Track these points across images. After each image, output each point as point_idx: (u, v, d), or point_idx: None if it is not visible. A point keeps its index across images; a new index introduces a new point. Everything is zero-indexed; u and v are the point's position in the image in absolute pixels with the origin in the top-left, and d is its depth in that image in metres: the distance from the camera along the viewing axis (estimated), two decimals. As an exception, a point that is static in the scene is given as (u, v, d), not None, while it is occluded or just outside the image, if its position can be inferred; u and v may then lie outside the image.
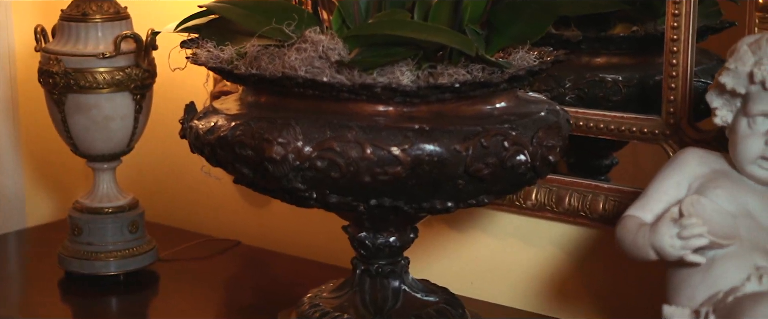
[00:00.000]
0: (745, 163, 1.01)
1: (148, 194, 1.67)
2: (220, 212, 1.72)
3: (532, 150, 1.06)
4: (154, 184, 1.78)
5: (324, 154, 1.01)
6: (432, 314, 1.18)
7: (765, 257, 0.96)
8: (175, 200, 1.77)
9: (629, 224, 1.02)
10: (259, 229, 1.67)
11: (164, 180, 1.78)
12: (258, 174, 1.06)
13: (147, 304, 1.46)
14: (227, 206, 1.70)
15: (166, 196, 1.77)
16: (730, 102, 1.03)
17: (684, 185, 1.04)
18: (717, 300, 0.93)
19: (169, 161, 1.76)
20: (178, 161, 1.72)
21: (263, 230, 1.66)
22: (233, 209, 1.70)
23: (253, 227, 1.67)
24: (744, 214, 1.00)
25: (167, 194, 1.78)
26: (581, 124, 1.32)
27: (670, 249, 0.96)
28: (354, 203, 1.06)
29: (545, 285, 1.39)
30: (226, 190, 1.68)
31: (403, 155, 1.00)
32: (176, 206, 1.77)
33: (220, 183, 1.65)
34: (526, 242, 1.40)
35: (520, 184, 1.10)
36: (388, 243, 1.18)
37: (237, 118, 1.07)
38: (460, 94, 1.03)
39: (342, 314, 1.18)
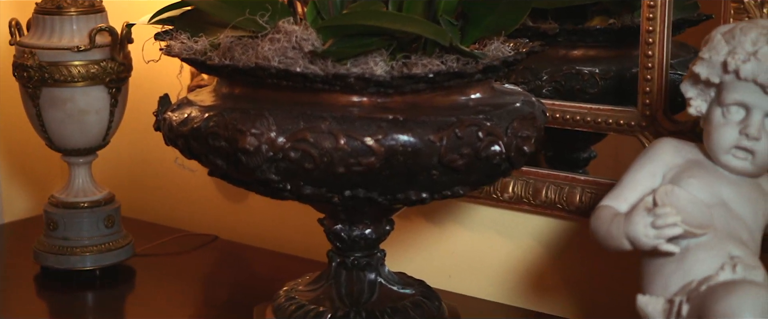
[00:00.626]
0: (719, 153, 1.01)
1: (124, 189, 1.66)
2: (197, 207, 1.71)
3: (507, 141, 1.05)
4: (131, 179, 1.78)
5: (297, 145, 1.00)
6: (408, 307, 1.18)
7: (739, 247, 0.96)
8: (151, 195, 1.76)
9: (603, 214, 1.02)
10: (237, 224, 1.66)
11: (141, 175, 1.77)
12: (232, 166, 1.05)
13: (123, 299, 1.45)
14: (204, 201, 1.70)
15: (143, 191, 1.77)
16: (704, 92, 1.03)
17: (658, 174, 1.03)
18: (690, 289, 0.93)
19: (145, 156, 1.75)
20: (155, 156, 1.72)
21: (241, 225, 1.66)
22: (210, 203, 1.69)
23: (230, 222, 1.67)
24: (718, 203, 1.00)
25: (144, 189, 1.77)
26: (557, 116, 1.31)
27: (644, 239, 0.96)
28: (328, 194, 1.05)
29: (523, 278, 1.39)
30: (203, 184, 1.68)
31: (376, 146, 1.00)
32: (153, 201, 1.76)
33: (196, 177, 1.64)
34: (503, 235, 1.40)
35: (495, 175, 1.09)
36: (364, 235, 1.17)
37: (210, 110, 1.06)
38: (435, 84, 1.03)
39: (317, 307, 1.17)
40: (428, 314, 1.19)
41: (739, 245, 0.97)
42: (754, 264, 0.95)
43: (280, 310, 1.20)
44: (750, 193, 1.01)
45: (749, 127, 0.99)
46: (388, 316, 1.16)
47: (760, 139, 0.99)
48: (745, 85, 0.98)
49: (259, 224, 1.64)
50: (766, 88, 0.97)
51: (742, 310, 0.83)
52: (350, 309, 1.16)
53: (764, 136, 0.99)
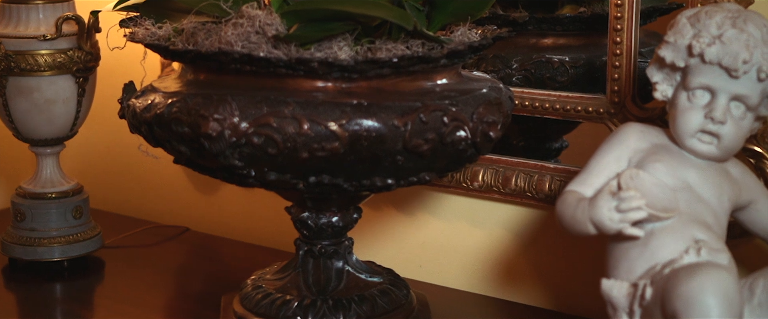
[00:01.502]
0: (685, 137, 1.01)
1: (94, 181, 1.65)
2: (167, 199, 1.70)
3: (473, 126, 1.05)
4: (101, 171, 1.76)
5: (260, 130, 0.99)
6: (375, 295, 1.17)
7: (704, 230, 0.96)
8: (121, 187, 1.75)
9: (569, 199, 1.01)
10: (208, 215, 1.65)
11: (111, 167, 1.76)
12: (195, 152, 1.04)
13: (92, 290, 1.44)
14: (175, 193, 1.69)
15: (113, 182, 1.75)
16: (670, 76, 1.03)
17: (624, 159, 1.03)
18: (655, 272, 0.92)
19: (115, 148, 1.74)
20: (124, 148, 1.70)
21: (212, 217, 1.65)
22: (181, 195, 1.68)
23: (201, 214, 1.66)
24: (683, 187, 0.99)
25: (114, 181, 1.76)
26: (527, 104, 1.31)
27: (608, 223, 0.95)
28: (293, 180, 1.05)
29: (493, 267, 1.38)
30: (174, 176, 1.67)
31: (340, 131, 0.99)
32: (123, 193, 1.75)
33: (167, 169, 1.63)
34: (473, 224, 1.39)
35: (461, 161, 1.09)
36: (331, 223, 1.17)
37: (174, 96, 1.05)
38: (399, 69, 1.02)
39: (284, 296, 1.17)
40: (396, 303, 1.18)
41: (704, 228, 0.96)
42: (718, 248, 0.95)
43: (246, 299, 1.19)
44: (716, 177, 1.01)
45: (714, 110, 0.98)
46: (355, 304, 1.15)
47: (726, 123, 0.98)
48: (710, 69, 0.98)
49: (231, 216, 1.63)
50: (731, 72, 0.97)
51: (704, 292, 0.82)
52: (317, 297, 1.16)
53: (729, 120, 0.99)
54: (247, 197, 1.60)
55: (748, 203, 1.04)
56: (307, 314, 1.14)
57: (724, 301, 0.82)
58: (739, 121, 0.99)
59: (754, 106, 0.99)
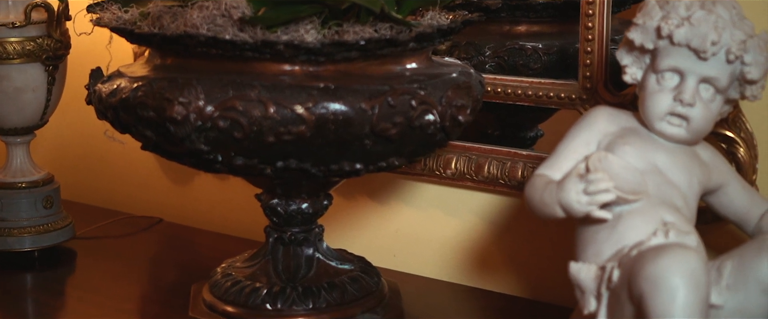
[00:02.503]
0: (654, 120, 1.00)
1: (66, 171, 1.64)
2: (141, 190, 1.69)
3: (441, 110, 1.04)
4: (73, 161, 1.75)
5: (226, 113, 0.98)
6: (346, 282, 1.16)
7: (672, 213, 0.95)
8: (94, 178, 1.74)
9: (537, 183, 1.00)
10: (182, 206, 1.64)
11: (83, 157, 1.75)
12: (161, 137, 1.03)
13: (63, 281, 1.42)
14: (148, 184, 1.68)
15: (86, 173, 1.74)
16: (639, 59, 1.02)
17: (593, 142, 1.02)
18: (622, 255, 0.91)
19: (87, 138, 1.72)
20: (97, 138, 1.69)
21: (186, 208, 1.64)
22: (155, 186, 1.67)
23: (175, 205, 1.65)
24: (652, 170, 0.98)
25: (86, 172, 1.74)
26: (499, 90, 1.30)
27: (576, 205, 0.94)
28: (260, 165, 1.04)
29: (467, 255, 1.38)
30: (148, 167, 1.65)
31: (307, 114, 0.98)
32: (96, 184, 1.73)
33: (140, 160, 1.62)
34: (447, 213, 1.38)
35: (431, 145, 1.08)
36: (301, 210, 1.16)
37: (139, 80, 1.04)
38: (367, 53, 1.02)
39: (253, 283, 1.16)
40: (367, 290, 1.17)
41: (672, 211, 0.95)
42: (687, 230, 0.94)
43: (216, 287, 1.18)
44: (685, 160, 1.00)
45: (683, 93, 0.98)
46: (325, 291, 1.14)
47: (695, 105, 0.98)
48: (679, 51, 0.97)
49: (205, 206, 1.62)
50: (699, 53, 0.96)
51: (670, 272, 0.81)
52: (286, 284, 1.15)
53: (699, 103, 0.98)
54: (221, 188, 1.59)
55: (718, 186, 1.04)
56: (276, 302, 1.13)
57: (690, 281, 0.81)
58: (709, 103, 0.98)
59: (724, 89, 0.98)
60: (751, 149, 1.13)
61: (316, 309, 1.13)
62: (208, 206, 1.62)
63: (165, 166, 1.65)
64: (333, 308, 1.13)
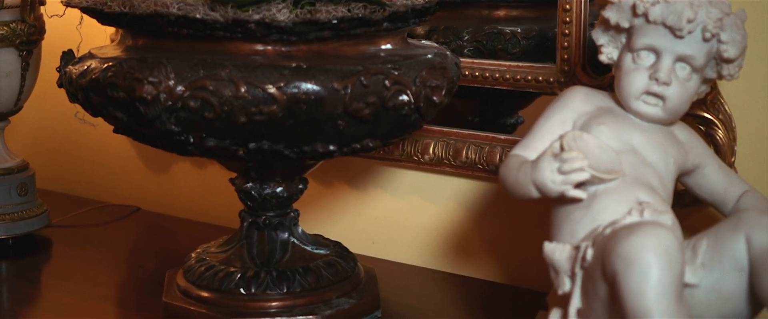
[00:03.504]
0: (629, 99, 0.99)
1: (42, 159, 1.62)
2: (118, 178, 1.67)
3: (415, 90, 1.03)
4: (49, 149, 1.74)
5: (197, 93, 0.97)
6: (321, 266, 1.15)
7: (648, 193, 0.94)
8: (71, 166, 1.72)
9: (512, 163, 0.99)
10: (160, 195, 1.63)
11: (60, 146, 1.74)
12: (132, 117, 1.02)
13: (39, 269, 1.41)
14: (126, 172, 1.66)
15: (62, 161, 1.73)
16: (615, 38, 1.01)
17: (569, 122, 1.01)
18: (597, 234, 0.90)
19: (64, 126, 1.71)
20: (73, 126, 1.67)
21: (164, 196, 1.62)
22: (132, 174, 1.65)
23: (153, 193, 1.63)
24: (628, 150, 0.97)
25: (62, 160, 1.73)
26: (477, 74, 1.29)
27: (550, 184, 0.93)
28: (233, 147, 1.02)
29: (446, 242, 1.37)
30: (125, 155, 1.64)
31: (278, 94, 0.97)
32: (72, 173, 1.72)
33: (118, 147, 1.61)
34: (425, 199, 1.37)
35: (405, 127, 1.07)
36: (275, 194, 1.14)
37: (110, 61, 1.03)
38: (340, 32, 1.00)
39: (228, 268, 1.14)
40: (342, 275, 1.16)
41: (648, 191, 0.94)
42: (662, 209, 0.93)
43: (190, 272, 1.17)
44: (661, 140, 0.99)
45: (659, 71, 0.97)
46: (300, 275, 1.13)
47: (671, 84, 0.97)
48: (655, 29, 0.96)
49: (183, 195, 1.61)
50: (675, 31, 0.95)
51: (644, 250, 0.80)
52: (261, 269, 1.13)
53: (675, 82, 0.97)
54: (199, 176, 1.58)
55: (695, 166, 1.03)
56: (250, 286, 1.11)
57: (664, 259, 0.80)
58: (685, 82, 0.97)
59: (700, 68, 0.97)
60: (729, 131, 1.12)
61: (290, 293, 1.11)
62: (186, 195, 1.60)
63: (143, 154, 1.64)
64: (307, 292, 1.12)
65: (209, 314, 1.10)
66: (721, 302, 0.87)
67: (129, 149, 1.64)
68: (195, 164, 1.58)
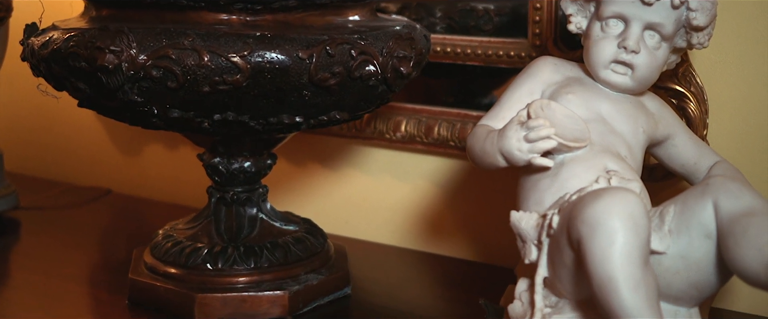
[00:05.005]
0: (598, 68, 0.98)
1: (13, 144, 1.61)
2: (89, 161, 1.66)
3: (382, 61, 1.02)
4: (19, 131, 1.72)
5: (159, 62, 0.96)
6: (290, 242, 1.14)
7: (616, 161, 0.93)
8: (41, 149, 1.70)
9: (479, 132, 0.97)
10: (132, 177, 1.61)
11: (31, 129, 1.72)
12: (94, 89, 1.00)
13: (8, 249, 1.39)
14: (97, 155, 1.64)
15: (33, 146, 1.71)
16: (584, 7, 1.00)
17: (537, 92, 1.00)
18: (563, 202, 0.89)
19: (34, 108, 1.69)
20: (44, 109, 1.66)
21: (136, 179, 1.61)
22: (104, 157, 1.64)
23: (124, 176, 1.62)
24: (597, 119, 0.96)
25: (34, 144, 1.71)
26: (449, 50, 1.28)
27: (517, 153, 0.92)
28: (198, 119, 1.01)
29: (419, 220, 1.35)
30: (96, 138, 1.62)
31: (242, 63, 0.96)
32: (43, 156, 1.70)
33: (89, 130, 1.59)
34: (398, 178, 1.36)
35: (373, 98, 1.05)
36: (244, 169, 1.13)
37: (72, 31, 1.01)
38: (306, 1, 0.99)
39: (195, 243, 1.13)
40: (311, 251, 1.15)
41: (616, 159, 0.93)
42: (630, 177, 0.91)
43: (156, 248, 1.15)
44: (630, 109, 0.98)
45: (627, 39, 0.95)
46: (268, 251, 1.12)
47: (639, 52, 0.95)
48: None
49: (155, 177, 1.59)
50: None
51: (609, 215, 0.79)
52: (228, 244, 1.12)
53: (643, 50, 0.96)
54: (171, 158, 1.56)
55: (665, 137, 1.01)
56: (217, 261, 1.10)
57: (629, 223, 0.78)
58: (654, 51, 0.96)
59: (669, 36, 0.96)
60: (701, 104, 1.11)
61: (257, 269, 1.10)
62: (158, 177, 1.59)
63: (114, 137, 1.62)
64: (275, 267, 1.11)
65: (176, 289, 1.09)
66: (689, 270, 0.86)
67: (100, 132, 1.62)
68: (166, 146, 1.56)
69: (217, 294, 1.07)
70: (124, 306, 1.13)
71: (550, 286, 0.90)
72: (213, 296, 1.07)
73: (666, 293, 0.87)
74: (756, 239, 0.80)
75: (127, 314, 1.11)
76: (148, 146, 1.59)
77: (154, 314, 1.10)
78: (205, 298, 1.07)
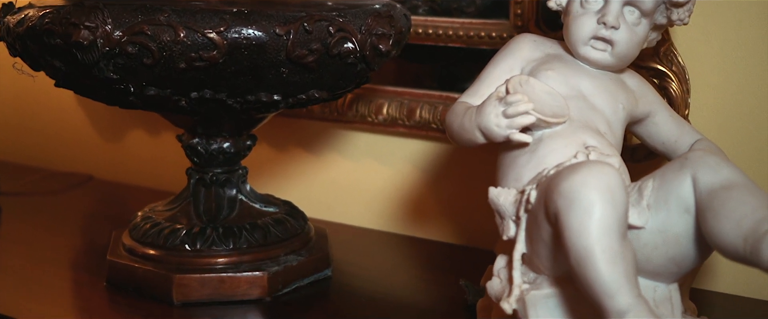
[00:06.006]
0: (578, 44, 0.97)
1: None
2: (72, 148, 1.64)
3: (361, 38, 1.01)
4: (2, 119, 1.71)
5: (135, 38, 0.95)
6: (269, 224, 1.13)
7: (595, 137, 0.92)
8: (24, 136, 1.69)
9: (458, 109, 0.97)
10: (113, 163, 1.60)
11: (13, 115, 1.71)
12: (70, 66, 0.99)
13: (-12, 235, 1.38)
14: (79, 142, 1.63)
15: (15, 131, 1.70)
16: (564, -16, 0.99)
17: (516, 69, 0.99)
18: (541, 177, 0.88)
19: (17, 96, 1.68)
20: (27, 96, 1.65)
21: (117, 165, 1.60)
22: (85, 144, 1.63)
23: (106, 162, 1.61)
24: (576, 96, 0.95)
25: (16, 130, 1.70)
26: (430, 32, 1.27)
27: (495, 129, 0.91)
28: (175, 97, 1.00)
29: (401, 204, 1.35)
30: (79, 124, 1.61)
31: (218, 39, 0.95)
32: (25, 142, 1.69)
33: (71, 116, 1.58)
34: (380, 162, 1.35)
35: (352, 77, 1.05)
36: (223, 149, 1.12)
37: (47, 8, 1.00)
38: (283, -22, 0.99)
39: (173, 225, 1.12)
40: (291, 232, 1.14)
41: (595, 135, 0.92)
42: (609, 153, 0.91)
43: (135, 230, 1.14)
44: (610, 86, 0.97)
45: (607, 15, 0.94)
46: (247, 232, 1.11)
47: (619, 28, 0.95)
48: (603, -29, 0.94)
49: (137, 164, 1.58)
50: (623, -26, 0.93)
51: (586, 187, 0.78)
52: (207, 225, 1.11)
53: (623, 26, 0.95)
54: (153, 145, 1.55)
55: (645, 114, 1.01)
56: (196, 242, 1.09)
57: (607, 196, 0.77)
58: (634, 27, 0.95)
59: (649, 12, 0.95)
60: (683, 83, 1.10)
61: (236, 249, 1.09)
62: (139, 163, 1.58)
63: (96, 123, 1.61)
64: (254, 248, 1.10)
65: (154, 270, 1.08)
66: (667, 245, 0.85)
67: (82, 118, 1.61)
68: (148, 131, 1.55)
69: (196, 275, 1.07)
70: (103, 288, 1.12)
71: (529, 262, 0.89)
72: (191, 276, 1.06)
73: (645, 269, 0.87)
74: (734, 212, 0.79)
75: (105, 296, 1.10)
76: (129, 133, 1.58)
77: (133, 295, 1.09)
78: (183, 279, 1.06)
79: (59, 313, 1.06)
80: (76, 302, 1.11)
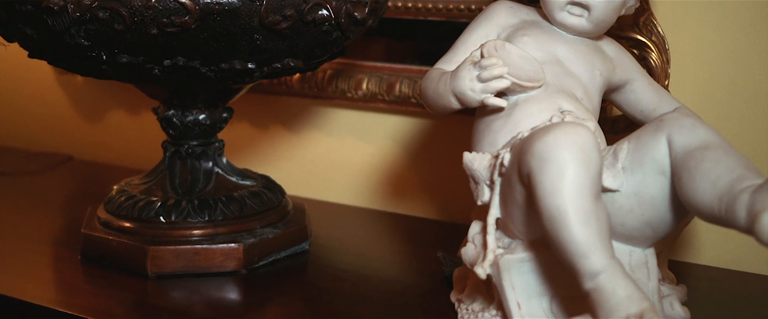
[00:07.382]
0: (554, 10, 0.96)
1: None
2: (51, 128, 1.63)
3: (336, 5, 1.00)
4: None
5: (105, 3, 0.93)
6: (245, 196, 1.12)
7: (571, 102, 0.91)
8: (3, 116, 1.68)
9: (433, 75, 0.96)
10: (93, 144, 1.59)
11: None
12: (42, 34, 0.98)
13: (-35, 215, 1.37)
14: (59, 121, 1.62)
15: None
16: (540, -51, 0.98)
17: (492, 35, 0.98)
18: (515, 141, 0.87)
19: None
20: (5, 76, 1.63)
21: (97, 145, 1.58)
22: (65, 124, 1.61)
23: (86, 142, 1.59)
24: (552, 61, 0.94)
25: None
26: (410, 5, 1.26)
27: (470, 93, 0.90)
28: (147, 64, 0.99)
29: (382, 180, 1.34)
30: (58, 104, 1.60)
31: (190, 4, 0.94)
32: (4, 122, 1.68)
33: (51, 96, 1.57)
34: (361, 139, 1.34)
35: (327, 45, 1.03)
36: (198, 121, 1.11)
37: (18, -25, 0.99)
38: (257, -56, 0.97)
39: (148, 197, 1.11)
40: (268, 205, 1.13)
41: (571, 100, 0.91)
42: (584, 117, 0.90)
43: (110, 203, 1.13)
44: (587, 52, 0.96)
45: (583, -20, 0.94)
46: (223, 204, 1.10)
47: (595, -8, 0.94)
48: (579, -65, 0.93)
49: (117, 144, 1.57)
50: (600, -62, 0.92)
51: (559, 148, 0.77)
52: (182, 198, 1.10)
53: (599, -10, 0.94)
54: (133, 125, 1.54)
55: (623, 82, 1.00)
56: (171, 214, 1.08)
57: (580, 156, 0.76)
58: (611, -8, 0.95)
59: (626, -23, 0.95)
60: (663, 54, 1.09)
61: (212, 222, 1.08)
62: (120, 143, 1.56)
63: (76, 103, 1.60)
64: (230, 221, 1.09)
65: (128, 242, 1.07)
66: (642, 207, 0.84)
67: (62, 98, 1.60)
68: (128, 111, 1.54)
69: (170, 247, 1.05)
70: (77, 261, 1.11)
71: (503, 227, 0.88)
72: (165, 248, 1.05)
73: (620, 232, 0.86)
74: (709, 173, 0.79)
75: (80, 269, 1.09)
76: (110, 113, 1.57)
77: (107, 267, 1.08)
78: (158, 251, 1.05)
79: (34, 287, 1.05)
80: (51, 276, 1.09)
